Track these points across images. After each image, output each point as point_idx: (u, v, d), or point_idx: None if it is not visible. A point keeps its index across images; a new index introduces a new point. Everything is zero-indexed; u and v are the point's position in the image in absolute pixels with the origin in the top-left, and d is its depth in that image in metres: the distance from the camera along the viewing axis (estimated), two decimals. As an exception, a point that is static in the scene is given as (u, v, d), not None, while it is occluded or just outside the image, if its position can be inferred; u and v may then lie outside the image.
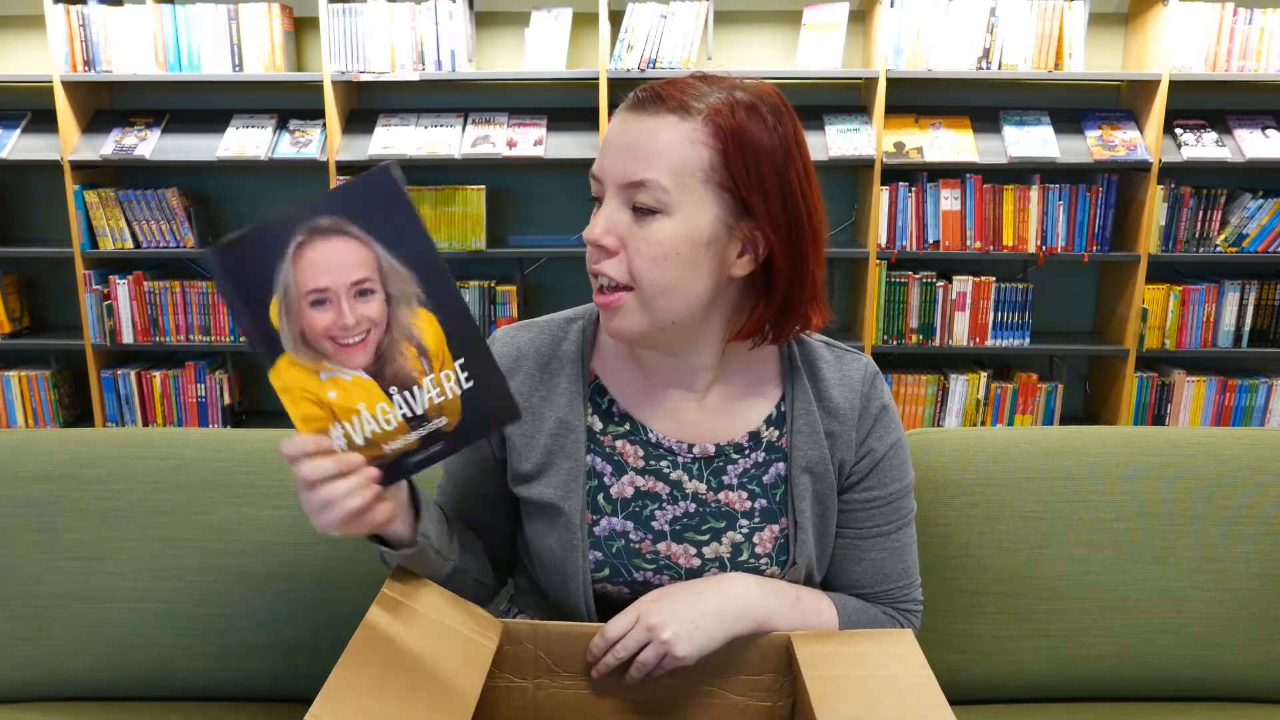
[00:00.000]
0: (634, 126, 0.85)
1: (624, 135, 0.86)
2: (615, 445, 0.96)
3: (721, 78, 0.88)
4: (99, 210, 2.99)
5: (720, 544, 0.95)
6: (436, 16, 2.90)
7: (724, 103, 0.85)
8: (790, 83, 3.09)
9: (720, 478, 0.96)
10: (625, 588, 0.95)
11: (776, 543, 0.95)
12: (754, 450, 0.97)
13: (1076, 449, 1.25)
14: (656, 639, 0.86)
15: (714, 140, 0.84)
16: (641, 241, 0.85)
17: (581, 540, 0.94)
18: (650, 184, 0.83)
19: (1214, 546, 1.23)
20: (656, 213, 0.84)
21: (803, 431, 0.96)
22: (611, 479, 0.95)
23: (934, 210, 2.97)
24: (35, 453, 1.25)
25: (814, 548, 0.97)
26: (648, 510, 0.95)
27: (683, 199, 0.84)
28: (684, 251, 0.85)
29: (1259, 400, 3.05)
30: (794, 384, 0.98)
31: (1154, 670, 1.25)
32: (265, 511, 1.23)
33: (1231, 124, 2.99)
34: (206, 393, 3.13)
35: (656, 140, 0.84)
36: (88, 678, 1.24)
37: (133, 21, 2.92)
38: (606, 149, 0.87)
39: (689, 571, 0.94)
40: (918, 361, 3.20)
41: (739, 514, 0.95)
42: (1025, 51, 2.87)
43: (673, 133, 0.84)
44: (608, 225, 0.86)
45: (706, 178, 0.84)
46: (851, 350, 1.02)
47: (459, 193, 3.00)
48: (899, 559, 1.01)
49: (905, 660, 0.85)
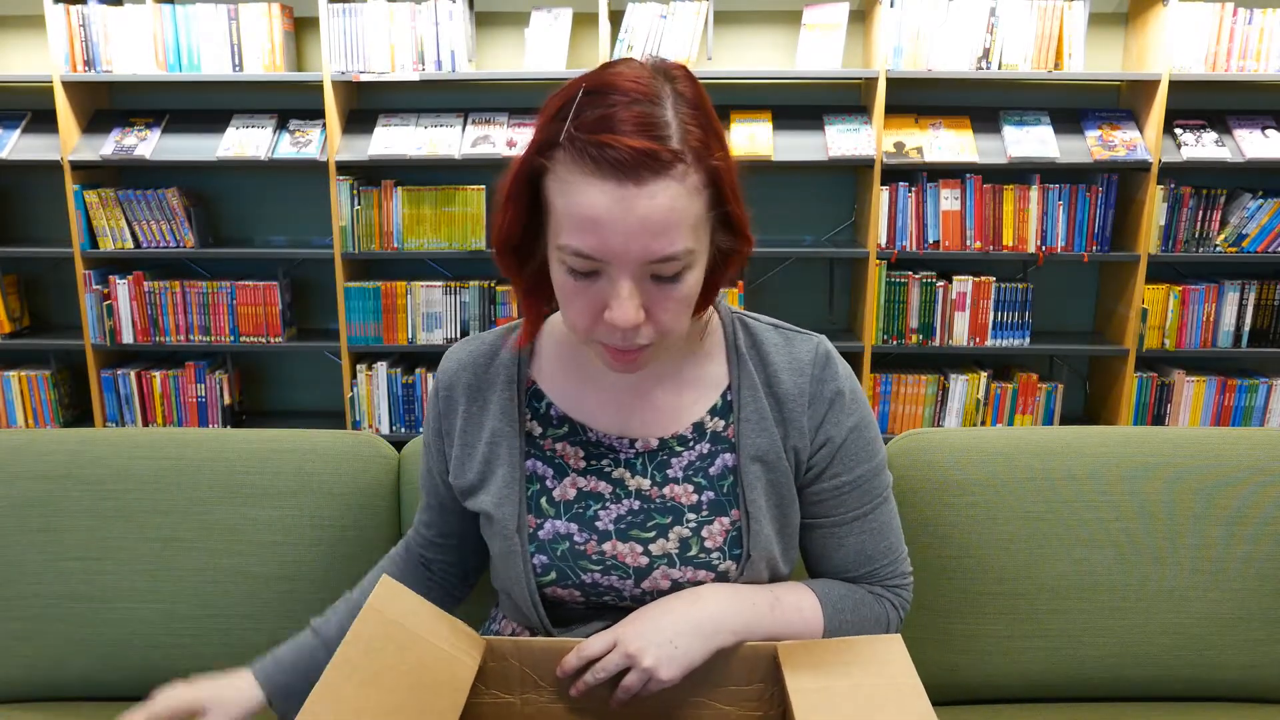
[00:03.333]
0: (635, 202, 0.75)
1: (629, 214, 0.76)
2: (555, 448, 0.96)
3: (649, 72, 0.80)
4: (99, 210, 2.99)
5: (668, 540, 0.93)
6: (436, 16, 2.89)
7: (687, 120, 0.78)
8: (790, 83, 3.10)
9: (665, 471, 0.94)
10: (575, 590, 0.94)
11: (728, 535, 0.93)
12: (698, 442, 0.94)
13: (1076, 449, 1.25)
14: (638, 666, 0.85)
15: (704, 176, 0.79)
16: (669, 301, 0.81)
17: (521, 546, 0.93)
18: (679, 255, 0.78)
19: (1214, 547, 1.23)
20: (682, 273, 0.81)
21: (750, 420, 0.93)
22: (554, 482, 0.95)
23: (934, 210, 2.97)
24: (35, 453, 1.25)
25: (774, 540, 0.94)
26: (591, 510, 0.94)
27: (699, 246, 0.82)
28: (695, 293, 0.84)
29: (1259, 400, 3.05)
30: (740, 372, 0.95)
31: (1154, 670, 1.25)
32: (265, 511, 1.23)
33: (1231, 124, 2.99)
34: (206, 393, 3.13)
35: (671, 210, 0.76)
36: (88, 678, 1.24)
37: (133, 21, 2.92)
38: (604, 228, 0.76)
39: (637, 570, 0.93)
40: (918, 361, 3.20)
41: (685, 508, 0.93)
42: (1025, 51, 2.87)
43: (679, 197, 0.77)
44: (638, 305, 0.80)
45: (706, 211, 0.81)
46: (803, 332, 0.98)
47: (459, 193, 3.00)
48: (879, 538, 0.98)
49: (892, 668, 0.84)
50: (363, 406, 3.12)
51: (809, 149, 2.94)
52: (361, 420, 3.13)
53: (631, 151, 0.74)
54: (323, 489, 1.23)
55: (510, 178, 0.84)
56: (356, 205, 2.99)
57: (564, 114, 0.78)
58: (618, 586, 0.94)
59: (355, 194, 2.99)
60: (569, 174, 0.77)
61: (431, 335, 3.08)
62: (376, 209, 3.00)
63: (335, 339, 3.10)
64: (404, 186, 3.00)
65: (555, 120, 0.79)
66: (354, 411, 3.13)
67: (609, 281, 0.80)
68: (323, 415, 3.33)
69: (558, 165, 0.79)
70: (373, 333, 3.08)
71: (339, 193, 2.96)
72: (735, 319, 0.99)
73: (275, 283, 3.07)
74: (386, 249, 3.02)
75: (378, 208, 3.00)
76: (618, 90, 0.77)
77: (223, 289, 3.06)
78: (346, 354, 3.09)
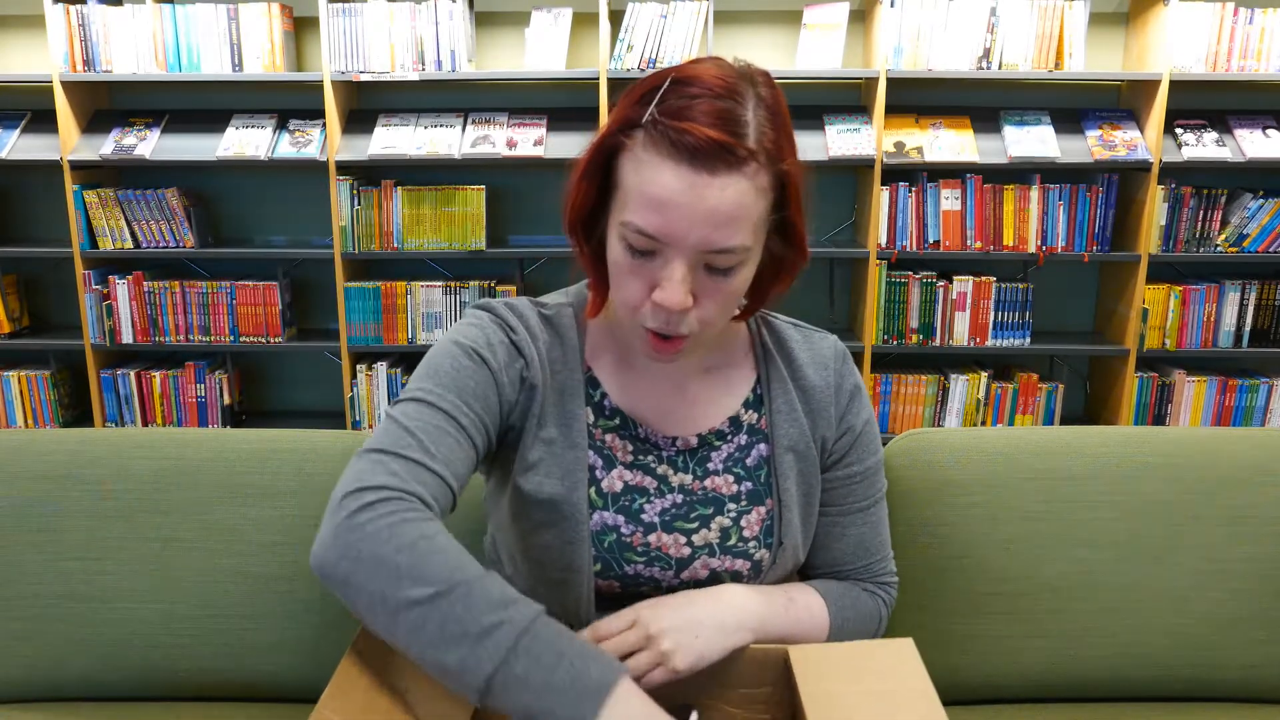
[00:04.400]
0: (705, 190, 0.78)
1: (698, 201, 0.78)
2: (605, 439, 0.96)
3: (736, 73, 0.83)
4: (99, 210, 2.99)
5: (709, 530, 0.95)
6: (436, 16, 2.89)
7: (765, 123, 0.81)
8: (790, 83, 3.09)
9: (705, 465, 0.96)
10: (615, 581, 0.94)
11: (763, 525, 0.95)
12: (735, 434, 0.97)
13: (1076, 449, 1.25)
14: (655, 648, 0.84)
15: (773, 179, 0.83)
16: (718, 294, 0.84)
17: (586, 535, 0.92)
18: (737, 249, 0.81)
19: (1215, 547, 1.23)
20: (735, 268, 0.83)
21: (781, 411, 0.97)
22: (602, 473, 0.95)
23: (934, 210, 2.97)
24: (35, 453, 1.25)
25: (799, 528, 0.97)
26: (637, 504, 0.94)
27: (755, 245, 0.84)
28: (743, 290, 0.87)
29: (1259, 400, 3.05)
30: (768, 365, 0.99)
31: (1154, 670, 1.25)
32: (265, 511, 1.22)
33: (1232, 124, 2.99)
34: (206, 393, 3.13)
35: (738, 205, 0.79)
36: (88, 678, 1.24)
37: (132, 21, 2.92)
38: (671, 210, 0.79)
39: (679, 561, 0.94)
40: (918, 361, 3.19)
41: (726, 498, 0.95)
42: (1025, 51, 2.87)
43: (746, 193, 0.80)
44: (688, 290, 0.82)
45: (768, 212, 0.84)
46: (817, 330, 1.03)
47: (459, 193, 3.00)
48: (876, 532, 1.02)
49: (905, 672, 0.83)
50: (363, 406, 3.12)
51: (809, 149, 2.94)
52: (361, 420, 3.13)
53: (709, 141, 0.77)
54: (323, 489, 1.23)
55: (589, 152, 0.87)
56: (356, 205, 2.99)
57: (649, 99, 0.81)
58: (658, 577, 0.94)
59: (355, 194, 2.99)
60: (646, 154, 0.80)
61: (431, 335, 3.08)
62: (376, 209, 3.00)
63: (335, 339, 3.10)
64: (404, 186, 3.00)
65: (639, 104, 0.82)
66: (354, 411, 3.13)
67: (664, 263, 0.82)
68: (323, 415, 3.33)
69: (636, 145, 0.81)
70: (373, 333, 3.08)
71: (339, 193, 2.96)
72: (757, 317, 1.02)
73: (275, 283, 3.07)
74: (386, 249, 3.02)
75: (378, 208, 3.00)
76: (703, 84, 0.80)
77: (223, 289, 3.06)
78: (346, 354, 3.09)
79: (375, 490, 0.77)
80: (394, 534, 0.74)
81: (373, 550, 0.74)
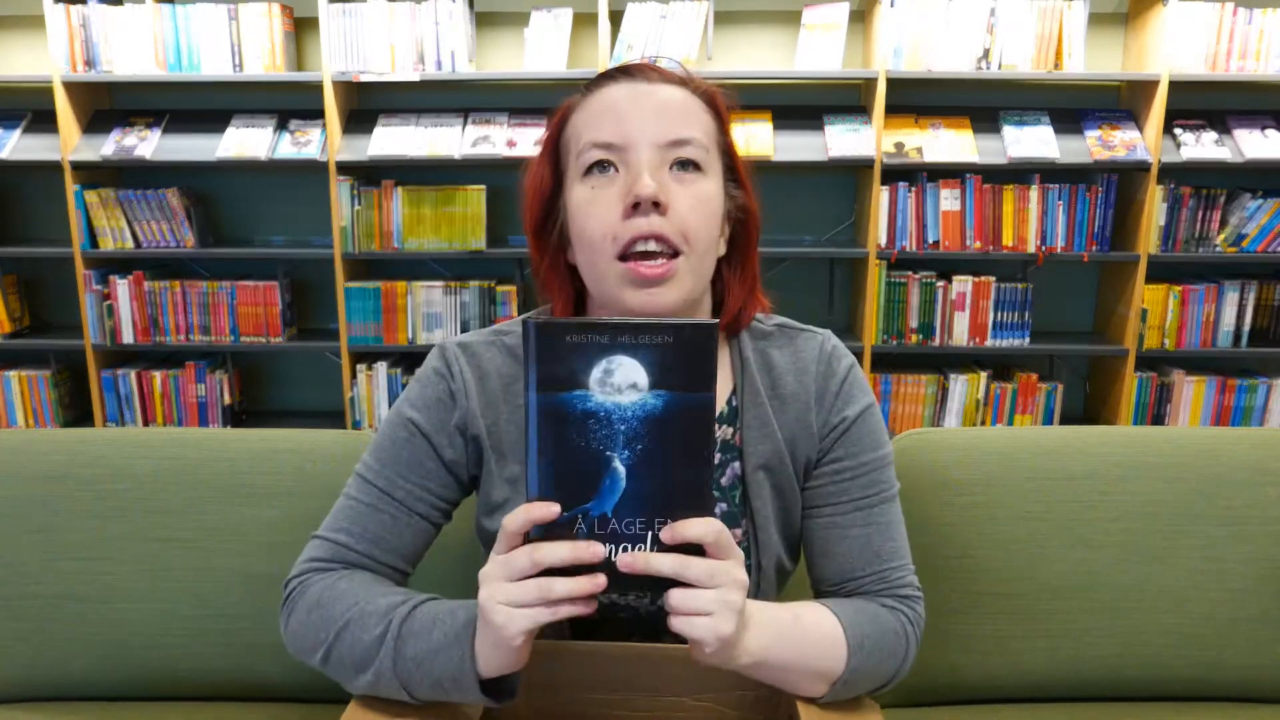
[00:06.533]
0: (651, 92, 0.86)
1: (645, 99, 0.86)
2: None
3: None
4: (99, 210, 2.99)
5: None
6: (436, 16, 2.90)
7: (699, 80, 0.90)
8: (790, 83, 3.10)
9: None
10: None
11: (740, 546, 0.88)
12: None
13: (1076, 449, 1.25)
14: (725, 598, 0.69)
15: (712, 109, 0.89)
16: (691, 198, 0.85)
17: None
18: (694, 141, 0.85)
19: (1214, 546, 1.23)
20: (699, 169, 0.86)
21: (752, 426, 0.93)
22: None
23: (934, 210, 2.97)
24: (35, 453, 1.25)
25: (779, 543, 0.94)
26: None
27: (710, 161, 0.87)
28: (717, 212, 0.88)
29: (1259, 400, 3.05)
30: (744, 377, 0.95)
31: (1154, 670, 1.25)
32: (265, 511, 1.22)
33: (1231, 124, 2.99)
34: (206, 393, 3.13)
35: (684, 104, 0.86)
36: (88, 678, 1.24)
37: (133, 21, 2.92)
38: (622, 115, 0.85)
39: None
40: (917, 361, 3.20)
41: None
42: (1025, 52, 2.87)
43: (689, 99, 0.87)
44: (658, 184, 0.83)
45: (714, 143, 0.88)
46: (807, 329, 0.99)
47: (459, 193, 3.00)
48: (886, 536, 0.93)
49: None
50: (363, 406, 3.12)
51: (809, 149, 2.94)
52: (361, 420, 3.13)
53: (644, 65, 0.88)
54: (323, 489, 1.23)
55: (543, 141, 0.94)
56: (356, 205, 2.99)
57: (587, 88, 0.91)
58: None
59: (355, 194, 2.99)
60: (588, 97, 0.89)
61: (431, 335, 3.08)
62: (376, 209, 3.00)
63: (335, 339, 3.10)
64: (404, 186, 3.00)
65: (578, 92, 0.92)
66: (354, 411, 3.13)
67: (627, 169, 0.85)
68: (323, 415, 3.33)
69: (578, 103, 0.90)
70: (373, 333, 3.08)
71: (339, 193, 2.96)
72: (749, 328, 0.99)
73: (275, 283, 3.07)
74: (386, 249, 3.02)
75: (378, 208, 3.00)
76: (641, 64, 0.90)
77: (223, 289, 3.06)
78: (346, 354, 3.09)
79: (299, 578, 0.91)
80: (305, 598, 0.88)
81: (298, 621, 0.87)
